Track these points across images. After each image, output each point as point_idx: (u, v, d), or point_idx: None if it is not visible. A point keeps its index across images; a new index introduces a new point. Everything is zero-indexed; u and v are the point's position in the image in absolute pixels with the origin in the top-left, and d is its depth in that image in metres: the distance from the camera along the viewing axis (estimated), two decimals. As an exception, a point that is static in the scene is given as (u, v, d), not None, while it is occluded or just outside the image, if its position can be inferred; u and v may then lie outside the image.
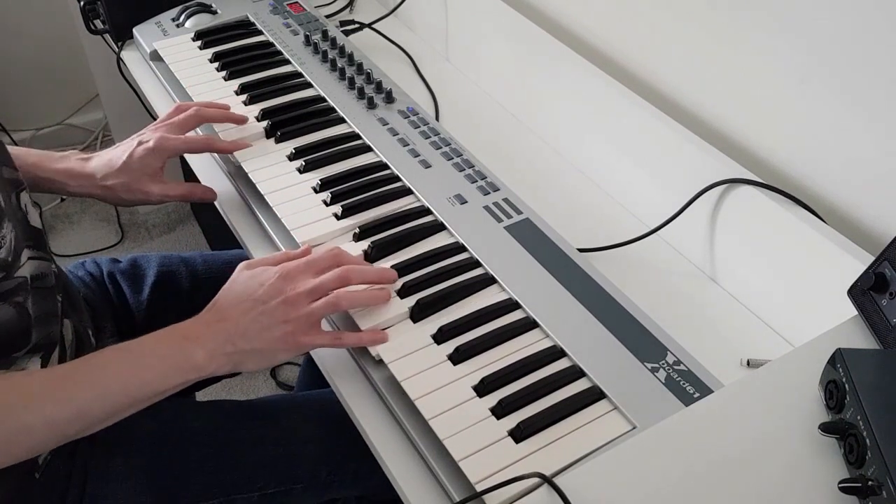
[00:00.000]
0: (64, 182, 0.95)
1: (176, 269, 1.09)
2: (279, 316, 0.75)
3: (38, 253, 0.83)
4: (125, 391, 0.72)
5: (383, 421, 0.75)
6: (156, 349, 0.74)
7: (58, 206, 2.20)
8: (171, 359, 0.74)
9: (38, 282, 0.81)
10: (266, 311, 0.75)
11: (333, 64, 1.13)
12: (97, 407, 0.71)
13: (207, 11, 1.26)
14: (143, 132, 0.97)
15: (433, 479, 0.70)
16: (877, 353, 0.63)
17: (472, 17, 1.20)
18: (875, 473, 0.54)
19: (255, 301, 0.76)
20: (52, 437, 0.71)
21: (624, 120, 0.98)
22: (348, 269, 0.79)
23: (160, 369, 0.73)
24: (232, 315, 0.76)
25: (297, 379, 1.71)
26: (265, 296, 0.76)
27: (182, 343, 0.74)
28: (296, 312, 0.75)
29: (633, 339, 0.76)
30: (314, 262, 0.79)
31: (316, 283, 0.77)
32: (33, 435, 0.69)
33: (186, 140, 0.97)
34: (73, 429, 0.71)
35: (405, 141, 1.00)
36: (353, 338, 0.77)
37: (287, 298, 0.76)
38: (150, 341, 0.75)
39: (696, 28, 0.96)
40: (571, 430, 0.70)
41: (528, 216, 0.89)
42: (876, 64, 0.78)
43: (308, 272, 0.78)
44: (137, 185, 0.94)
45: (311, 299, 0.76)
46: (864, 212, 0.84)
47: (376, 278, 0.81)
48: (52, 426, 0.69)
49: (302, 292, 0.76)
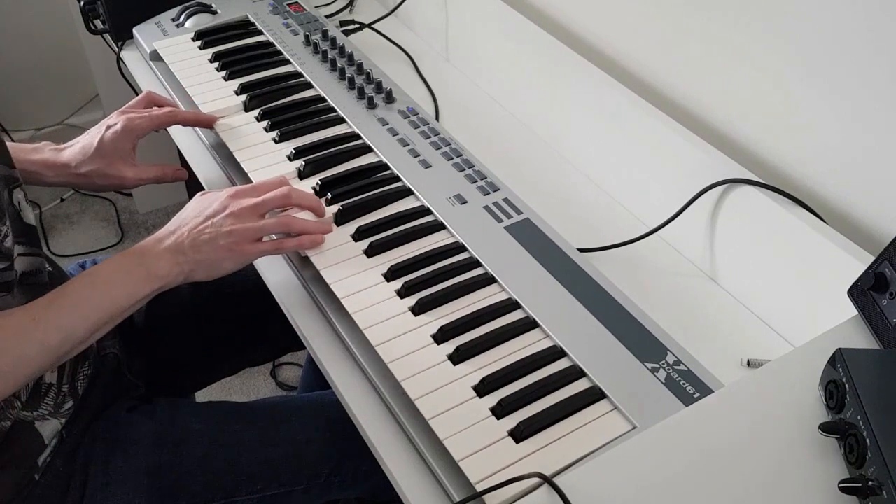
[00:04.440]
0: (41, 173, 0.97)
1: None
2: (225, 227, 0.82)
3: (30, 249, 0.83)
4: (101, 310, 0.78)
5: (383, 421, 0.75)
6: (118, 269, 0.80)
7: (58, 206, 2.20)
8: (134, 273, 0.80)
9: (29, 278, 0.82)
10: (214, 224, 0.82)
11: (333, 64, 1.13)
12: (81, 327, 0.77)
13: (207, 11, 1.26)
14: (110, 117, 0.99)
15: (433, 479, 0.70)
16: (877, 353, 0.63)
17: (472, 17, 1.20)
18: (875, 473, 0.53)
19: (204, 216, 0.83)
20: (48, 361, 0.76)
21: (624, 120, 0.98)
22: (291, 189, 0.87)
23: (128, 285, 0.79)
24: (183, 229, 0.82)
25: (298, 380, 1.71)
26: (214, 212, 0.83)
27: (140, 258, 0.81)
28: (241, 224, 0.82)
29: (633, 339, 0.76)
30: (261, 184, 0.87)
31: (260, 199, 0.84)
32: (31, 363, 0.74)
33: (152, 118, 0.99)
34: (65, 349, 0.77)
35: (405, 141, 1.00)
36: (293, 242, 0.85)
37: (233, 212, 0.83)
38: (110, 263, 0.81)
39: (696, 28, 0.96)
40: (571, 430, 0.70)
41: (528, 216, 0.89)
42: (876, 64, 0.78)
43: (254, 192, 0.85)
44: (111, 170, 0.97)
45: (256, 213, 0.83)
46: (864, 212, 0.84)
47: (315, 203, 0.88)
48: (46, 352, 0.75)
49: (247, 206, 0.83)
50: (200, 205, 0.85)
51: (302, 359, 1.78)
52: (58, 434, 0.86)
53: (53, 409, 0.85)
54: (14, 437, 0.82)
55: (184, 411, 0.94)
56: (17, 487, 0.82)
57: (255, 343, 1.15)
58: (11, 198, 0.82)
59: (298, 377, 1.76)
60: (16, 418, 0.82)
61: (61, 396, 0.86)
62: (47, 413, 0.85)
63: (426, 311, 0.80)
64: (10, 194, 0.82)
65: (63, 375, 0.87)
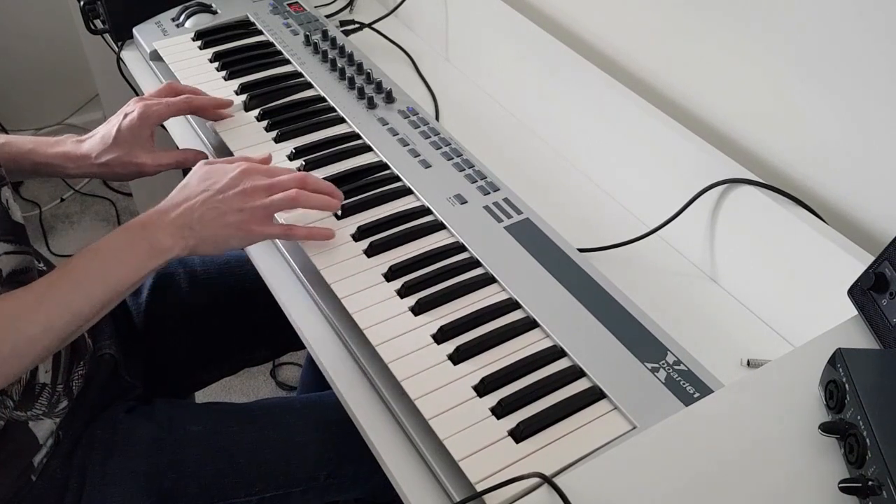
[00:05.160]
0: (62, 165, 0.96)
1: (174, 271, 1.09)
2: (235, 204, 0.80)
3: (18, 248, 0.83)
4: (107, 286, 0.76)
5: (383, 421, 0.75)
6: (121, 243, 0.78)
7: (57, 206, 2.20)
8: (138, 247, 0.78)
9: (17, 276, 0.81)
10: (224, 200, 0.80)
11: (333, 64, 1.13)
12: (86, 306, 0.75)
13: (207, 11, 1.26)
14: (128, 105, 0.99)
15: (433, 479, 0.70)
16: (877, 353, 0.63)
17: (472, 17, 1.20)
18: (875, 473, 0.53)
19: (214, 191, 0.81)
20: (54, 342, 0.75)
21: (624, 119, 0.98)
22: (305, 174, 0.85)
23: (132, 259, 0.78)
24: (190, 201, 0.80)
25: (298, 380, 1.71)
26: (224, 186, 0.81)
27: (143, 232, 0.79)
28: (251, 203, 0.80)
29: (633, 339, 0.76)
30: (274, 168, 0.86)
31: (274, 180, 0.82)
32: (37, 344, 0.73)
33: (168, 104, 0.98)
34: (71, 329, 0.75)
35: (405, 141, 1.00)
36: (303, 231, 0.83)
37: (244, 189, 0.81)
38: (113, 238, 0.79)
39: (696, 27, 0.96)
40: (571, 430, 0.70)
41: (528, 216, 0.89)
42: (876, 64, 0.78)
43: (268, 172, 0.84)
44: (130, 158, 0.96)
45: (268, 193, 0.81)
46: (864, 212, 0.84)
47: (329, 189, 0.86)
48: (51, 332, 0.73)
49: (259, 186, 0.81)
50: (208, 177, 0.83)
51: (302, 359, 1.78)
52: (53, 435, 0.86)
53: (48, 409, 0.85)
54: (8, 437, 0.81)
55: (182, 413, 0.94)
56: (14, 488, 0.82)
57: (254, 343, 1.14)
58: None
59: (298, 377, 1.76)
60: (9, 418, 0.81)
61: (56, 396, 0.86)
62: (41, 413, 0.84)
63: (426, 310, 0.80)
64: None
65: (58, 375, 0.86)
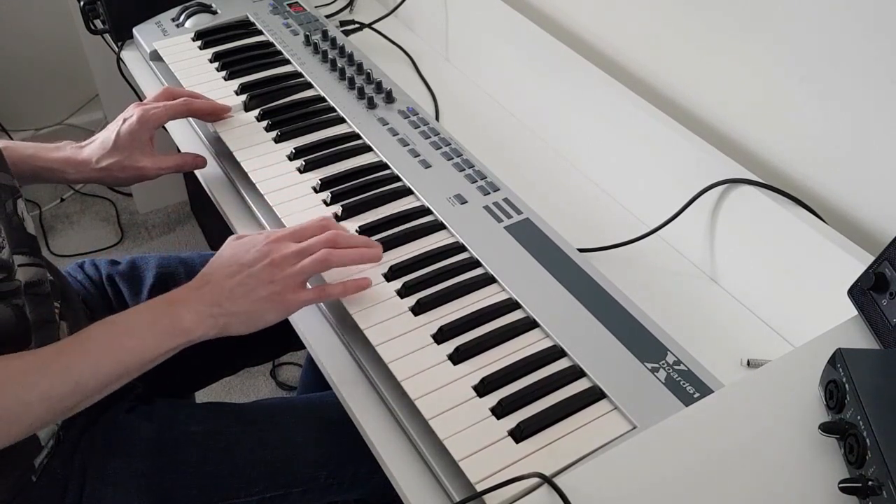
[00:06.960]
0: (63, 170, 0.96)
1: (175, 271, 1.09)
2: (265, 277, 0.76)
3: (32, 260, 0.82)
4: (117, 361, 0.72)
5: (383, 421, 0.75)
6: (143, 317, 0.75)
7: (57, 207, 2.20)
8: (158, 325, 0.74)
9: (32, 289, 0.81)
10: (253, 274, 0.76)
11: (333, 64, 1.13)
12: (91, 379, 0.72)
13: (207, 11, 1.26)
14: (127, 110, 0.99)
15: (433, 479, 0.70)
16: (877, 353, 0.63)
17: (472, 17, 1.20)
18: (875, 473, 0.53)
19: (241, 265, 0.77)
20: (50, 413, 0.71)
21: (624, 119, 0.98)
22: (336, 233, 0.80)
23: (149, 336, 0.74)
24: (218, 279, 0.77)
25: (298, 380, 1.71)
26: (252, 260, 0.77)
27: (168, 308, 0.75)
28: (282, 273, 0.76)
29: (633, 339, 0.76)
30: (302, 228, 0.81)
31: (303, 245, 0.78)
32: (31, 411, 0.69)
33: (167, 108, 0.98)
34: (70, 402, 0.71)
35: (405, 141, 1.00)
36: (338, 288, 0.79)
37: (273, 260, 0.77)
38: (136, 311, 0.75)
39: (696, 28, 0.96)
40: (571, 430, 0.70)
41: (528, 216, 0.89)
42: (876, 64, 0.78)
43: (295, 237, 0.80)
44: (130, 162, 0.96)
45: (297, 260, 0.77)
46: (864, 212, 0.84)
47: (363, 244, 0.82)
48: (48, 401, 0.70)
49: (289, 254, 0.77)
50: (236, 251, 0.79)
51: (302, 359, 1.78)
52: (54, 435, 0.86)
53: None
54: None
55: (182, 413, 0.94)
56: (14, 489, 0.82)
57: (254, 343, 1.14)
58: (15, 207, 0.82)
59: (298, 377, 1.76)
60: None
61: None
62: None
63: (426, 310, 0.80)
64: (14, 204, 0.82)
65: None
